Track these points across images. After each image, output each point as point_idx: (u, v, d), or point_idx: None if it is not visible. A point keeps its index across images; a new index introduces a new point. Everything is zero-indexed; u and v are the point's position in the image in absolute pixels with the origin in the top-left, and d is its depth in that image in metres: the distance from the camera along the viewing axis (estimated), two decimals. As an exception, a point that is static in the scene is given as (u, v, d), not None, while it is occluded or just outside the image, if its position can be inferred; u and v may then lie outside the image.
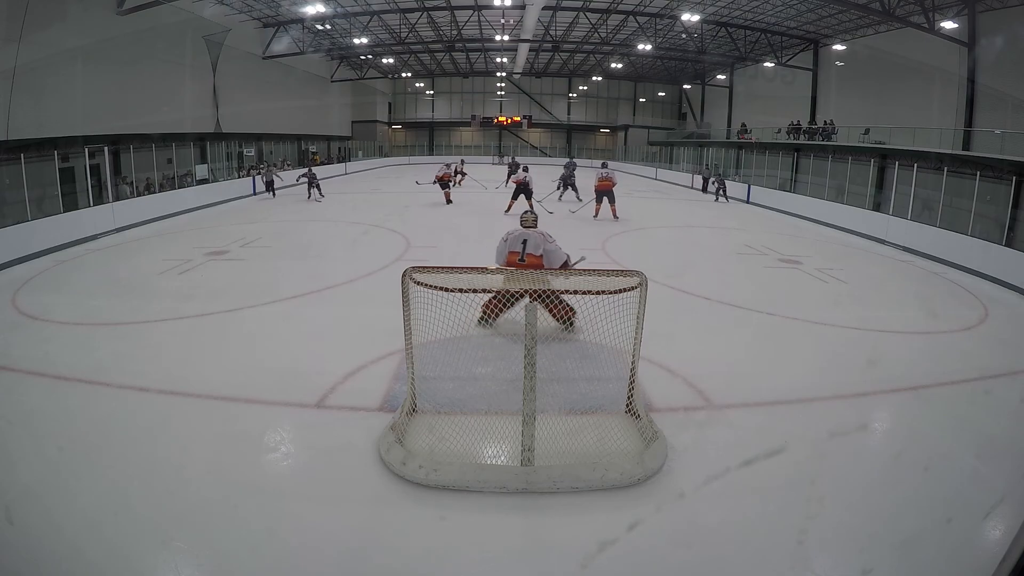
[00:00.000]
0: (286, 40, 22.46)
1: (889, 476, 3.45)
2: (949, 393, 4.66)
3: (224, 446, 3.55)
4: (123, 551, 2.66)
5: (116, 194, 12.40)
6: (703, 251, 10.53)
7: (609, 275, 3.47)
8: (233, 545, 2.72)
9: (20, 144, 10.79)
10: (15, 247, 8.54)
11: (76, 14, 12.69)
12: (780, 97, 23.39)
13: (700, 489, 3.19)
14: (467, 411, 3.63)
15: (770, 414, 4.13)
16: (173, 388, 4.25)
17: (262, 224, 12.23)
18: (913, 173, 13.04)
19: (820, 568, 2.70)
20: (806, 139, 20.23)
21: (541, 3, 18.79)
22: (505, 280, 3.59)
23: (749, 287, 7.73)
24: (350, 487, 3.18)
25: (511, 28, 23.99)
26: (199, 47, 18.25)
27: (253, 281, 7.60)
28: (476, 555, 2.72)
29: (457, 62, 33.18)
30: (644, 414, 3.64)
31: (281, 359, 4.91)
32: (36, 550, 2.66)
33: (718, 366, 4.93)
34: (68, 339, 5.38)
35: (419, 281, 3.38)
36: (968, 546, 2.88)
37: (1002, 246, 9.40)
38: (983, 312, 7.08)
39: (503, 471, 3.20)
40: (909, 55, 16.54)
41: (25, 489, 3.08)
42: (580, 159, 36.74)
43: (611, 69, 32.49)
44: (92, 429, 3.72)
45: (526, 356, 3.13)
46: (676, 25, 22.06)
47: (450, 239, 10.63)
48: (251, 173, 18.95)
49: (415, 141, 38.45)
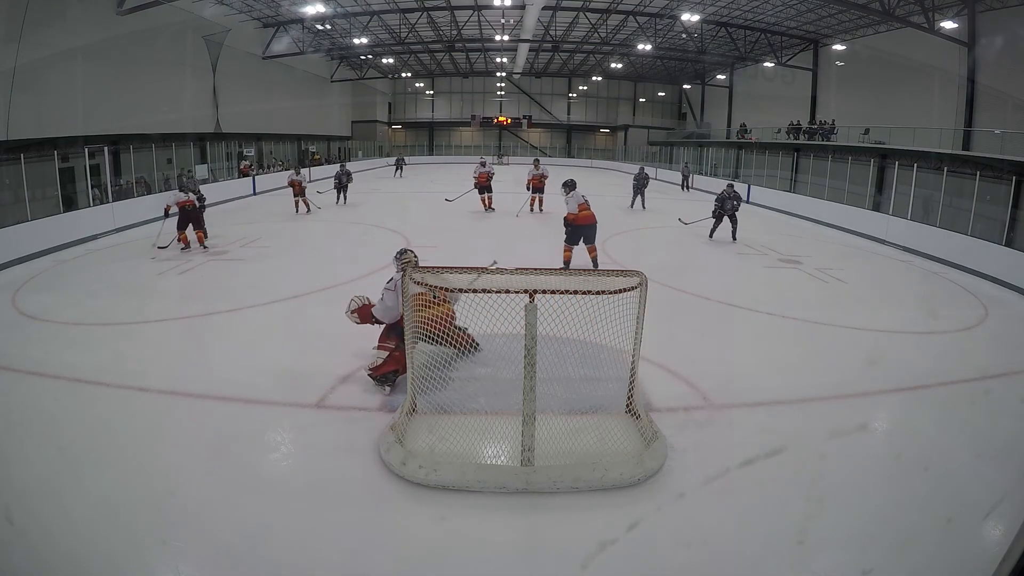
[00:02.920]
0: (286, 40, 22.46)
1: (889, 476, 3.45)
2: (949, 393, 4.66)
3: (224, 446, 3.55)
4: (123, 551, 2.66)
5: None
6: (703, 251, 10.53)
7: (609, 275, 3.47)
8: (233, 545, 2.72)
9: (20, 144, 10.79)
10: (15, 247, 8.54)
11: (76, 14, 12.68)
12: (780, 97, 23.39)
13: (700, 489, 3.19)
14: (467, 411, 3.63)
15: (770, 414, 4.13)
16: (173, 388, 4.25)
17: (262, 224, 12.23)
18: (913, 173, 13.05)
19: (820, 568, 2.70)
20: (806, 139, 20.24)
21: (541, 3, 18.79)
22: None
23: (749, 287, 7.73)
24: (350, 487, 3.18)
25: (511, 28, 23.99)
26: (199, 47, 18.25)
27: (253, 281, 7.60)
28: (476, 555, 2.72)
29: (457, 62, 33.17)
30: (644, 414, 3.64)
31: (281, 359, 4.91)
32: (36, 550, 2.66)
33: (718, 366, 4.93)
34: (68, 339, 5.38)
35: (419, 281, 3.38)
36: (968, 546, 2.88)
37: (1002, 246, 9.40)
38: (983, 312, 7.08)
39: (503, 471, 3.20)
40: (909, 55, 16.54)
41: (25, 489, 3.08)
42: (580, 159, 36.88)
43: (611, 69, 32.49)
44: (92, 429, 3.72)
45: (526, 356, 3.13)
46: (676, 25, 22.05)
47: (450, 239, 10.62)
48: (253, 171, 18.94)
49: (415, 141, 38.46)
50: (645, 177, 15.85)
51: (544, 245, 9.01)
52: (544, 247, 8.85)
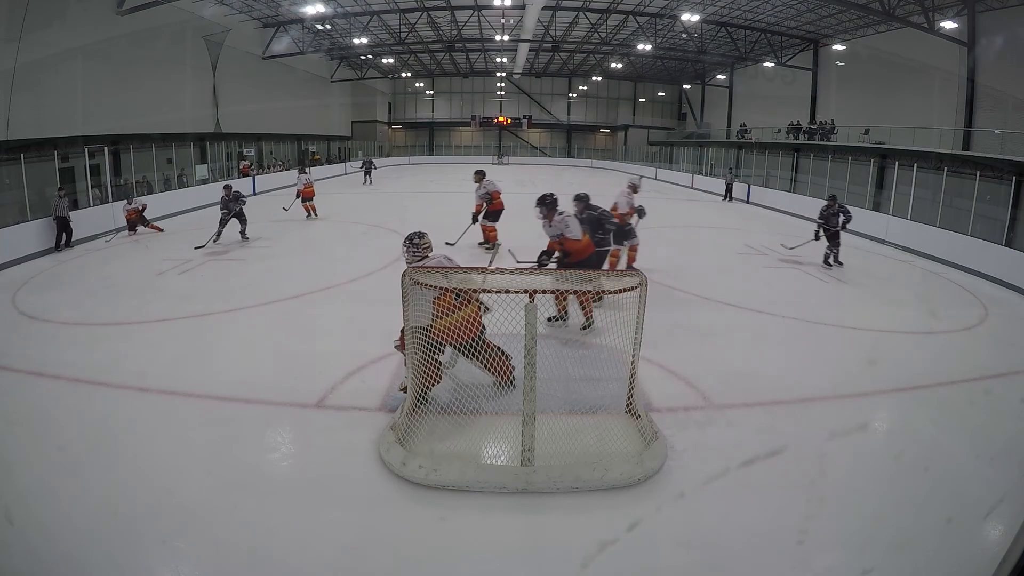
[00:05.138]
0: (286, 40, 22.47)
1: (889, 476, 3.45)
2: (949, 393, 4.66)
3: (224, 446, 3.55)
4: (123, 551, 2.66)
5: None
6: (703, 251, 10.52)
7: (609, 275, 3.47)
8: (233, 545, 2.72)
9: (20, 144, 10.79)
10: (15, 247, 8.54)
11: (76, 14, 12.69)
12: (780, 97, 23.40)
13: (700, 489, 3.19)
14: (467, 411, 3.63)
15: (770, 414, 4.13)
16: (173, 388, 4.25)
17: (262, 224, 12.22)
18: (913, 173, 13.05)
19: (820, 568, 2.70)
20: (806, 139, 20.24)
21: (541, 3, 18.79)
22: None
23: (749, 287, 7.73)
24: (350, 487, 3.18)
25: (511, 28, 23.98)
26: (199, 47, 18.25)
27: (253, 281, 7.60)
28: (476, 555, 2.72)
29: (457, 62, 33.18)
30: (644, 414, 3.64)
31: (281, 359, 4.91)
32: (36, 550, 2.66)
33: (718, 366, 4.92)
34: (68, 339, 5.38)
35: (419, 281, 3.38)
36: (968, 546, 2.88)
37: (1002, 246, 9.40)
38: (983, 312, 7.08)
39: (503, 471, 3.20)
40: (909, 55, 16.54)
41: (25, 489, 3.08)
42: (580, 159, 36.87)
43: (611, 69, 32.50)
44: (92, 429, 3.72)
45: (526, 356, 3.13)
46: (676, 25, 22.06)
47: (451, 239, 10.59)
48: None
49: (415, 141, 38.47)
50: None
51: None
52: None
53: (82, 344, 5.24)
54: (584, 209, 6.11)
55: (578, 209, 6.10)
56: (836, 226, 8.86)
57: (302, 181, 12.95)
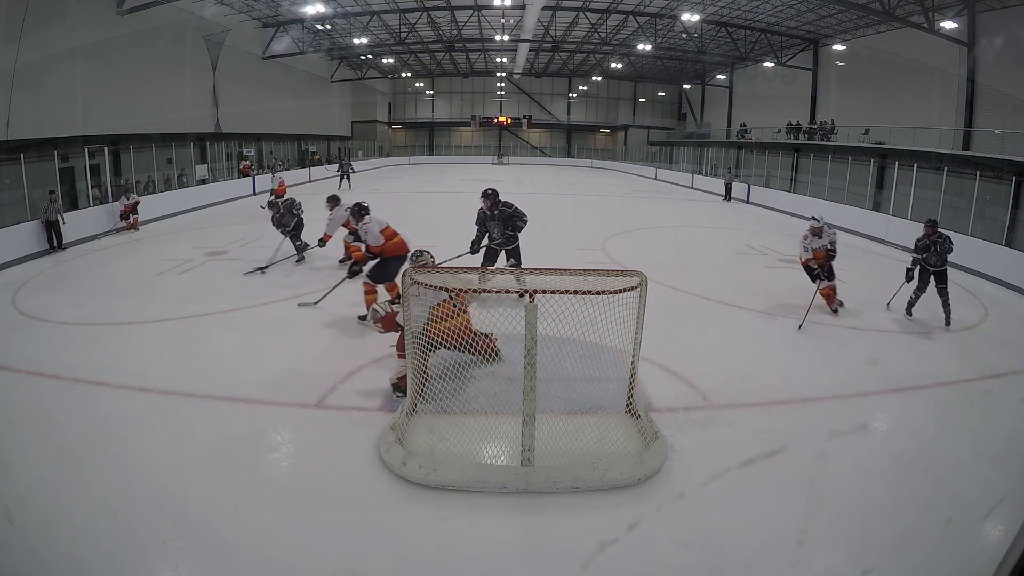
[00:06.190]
0: (286, 40, 22.46)
1: (889, 476, 3.45)
2: (949, 393, 4.66)
3: (224, 446, 3.55)
4: (124, 551, 2.66)
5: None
6: (703, 251, 10.52)
7: (609, 275, 3.47)
8: (233, 545, 2.72)
9: (20, 144, 10.79)
10: (15, 247, 8.54)
11: (76, 14, 12.68)
12: (780, 97, 23.39)
13: (700, 489, 3.19)
14: (467, 411, 3.63)
15: (770, 414, 4.13)
16: (173, 388, 4.25)
17: (262, 224, 12.20)
18: (913, 173, 13.05)
19: (820, 568, 2.70)
20: (806, 139, 20.23)
21: (541, 3, 18.79)
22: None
23: (749, 287, 7.72)
24: (350, 487, 3.18)
25: (511, 28, 23.98)
26: (199, 47, 18.24)
27: (253, 281, 7.60)
28: (476, 555, 2.72)
29: (457, 62, 33.17)
30: (644, 414, 3.64)
31: (281, 359, 4.91)
32: (36, 550, 2.66)
33: (718, 366, 4.93)
34: (68, 339, 5.38)
35: (419, 281, 3.38)
36: (968, 546, 2.88)
37: (1002, 246, 9.40)
38: (983, 312, 7.08)
39: (503, 471, 3.20)
40: (909, 55, 16.53)
41: (25, 489, 3.08)
42: (580, 159, 36.87)
43: (611, 69, 32.49)
44: (92, 429, 3.72)
45: (526, 356, 3.13)
46: (676, 25, 22.05)
47: (450, 239, 10.60)
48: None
49: (415, 141, 38.45)
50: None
51: (551, 243, 8.99)
52: (550, 245, 8.83)
53: (82, 344, 5.24)
54: (493, 206, 6.24)
55: (486, 206, 6.24)
56: (935, 265, 6.65)
57: (276, 180, 14.14)
